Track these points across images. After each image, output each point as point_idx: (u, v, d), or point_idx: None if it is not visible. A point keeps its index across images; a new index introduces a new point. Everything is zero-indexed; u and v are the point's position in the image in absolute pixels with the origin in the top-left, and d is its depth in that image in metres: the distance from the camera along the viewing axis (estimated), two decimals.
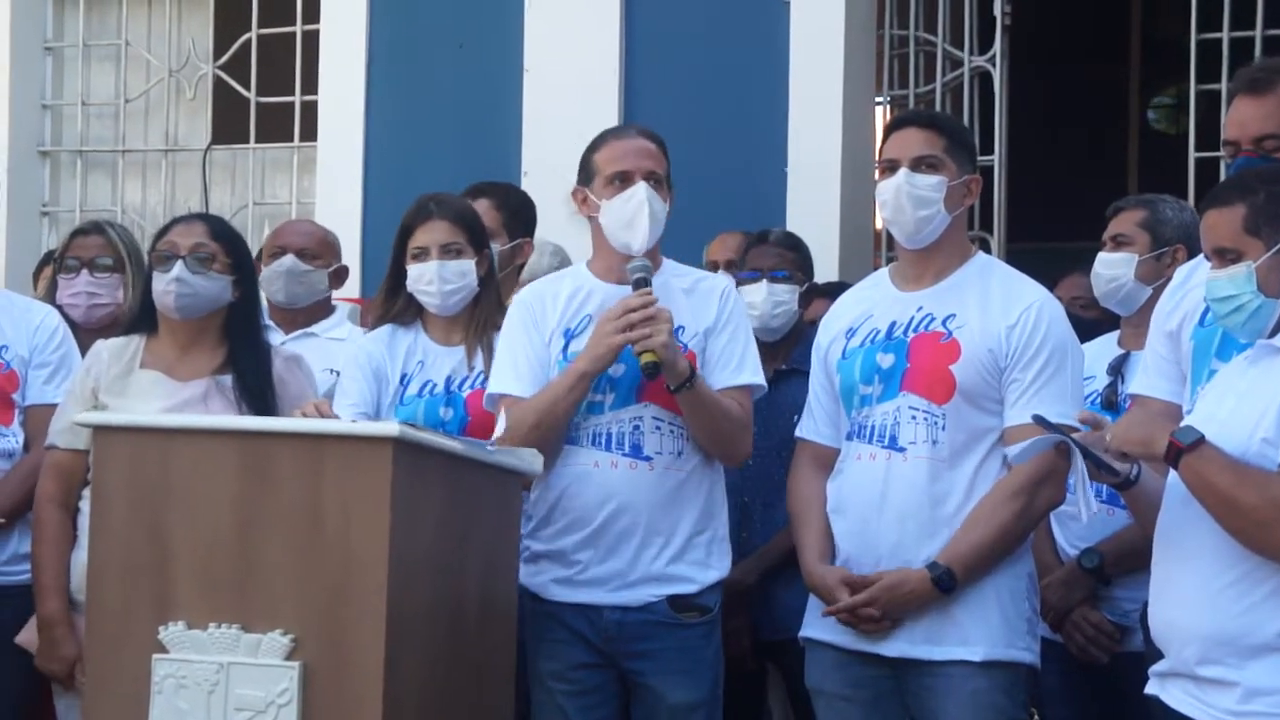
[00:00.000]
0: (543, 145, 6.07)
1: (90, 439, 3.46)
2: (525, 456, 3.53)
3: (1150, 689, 3.15)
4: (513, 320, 3.88)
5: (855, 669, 3.69)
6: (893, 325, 3.73)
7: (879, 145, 3.89)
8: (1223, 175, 4.01)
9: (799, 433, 3.91)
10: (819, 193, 5.93)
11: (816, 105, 5.99)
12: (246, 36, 6.96)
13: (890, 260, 4.50)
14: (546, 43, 6.27)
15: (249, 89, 6.97)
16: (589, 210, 3.87)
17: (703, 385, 3.74)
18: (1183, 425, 3.06)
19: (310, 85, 6.77)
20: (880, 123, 6.26)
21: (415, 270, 4.01)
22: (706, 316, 3.83)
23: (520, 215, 4.68)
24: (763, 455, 4.26)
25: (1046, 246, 7.46)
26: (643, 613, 3.76)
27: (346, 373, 4.05)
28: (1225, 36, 5.98)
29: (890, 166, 3.74)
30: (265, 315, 4.35)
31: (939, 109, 6.07)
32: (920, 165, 3.71)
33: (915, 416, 3.65)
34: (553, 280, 4.00)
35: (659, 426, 3.77)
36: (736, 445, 3.84)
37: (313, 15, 6.76)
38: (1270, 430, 2.97)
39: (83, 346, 4.31)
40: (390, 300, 4.09)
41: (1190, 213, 4.18)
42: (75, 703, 3.79)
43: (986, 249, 5.73)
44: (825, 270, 5.22)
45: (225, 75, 7.05)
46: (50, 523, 3.96)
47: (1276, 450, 2.96)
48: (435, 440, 3.27)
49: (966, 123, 5.90)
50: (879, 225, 5.96)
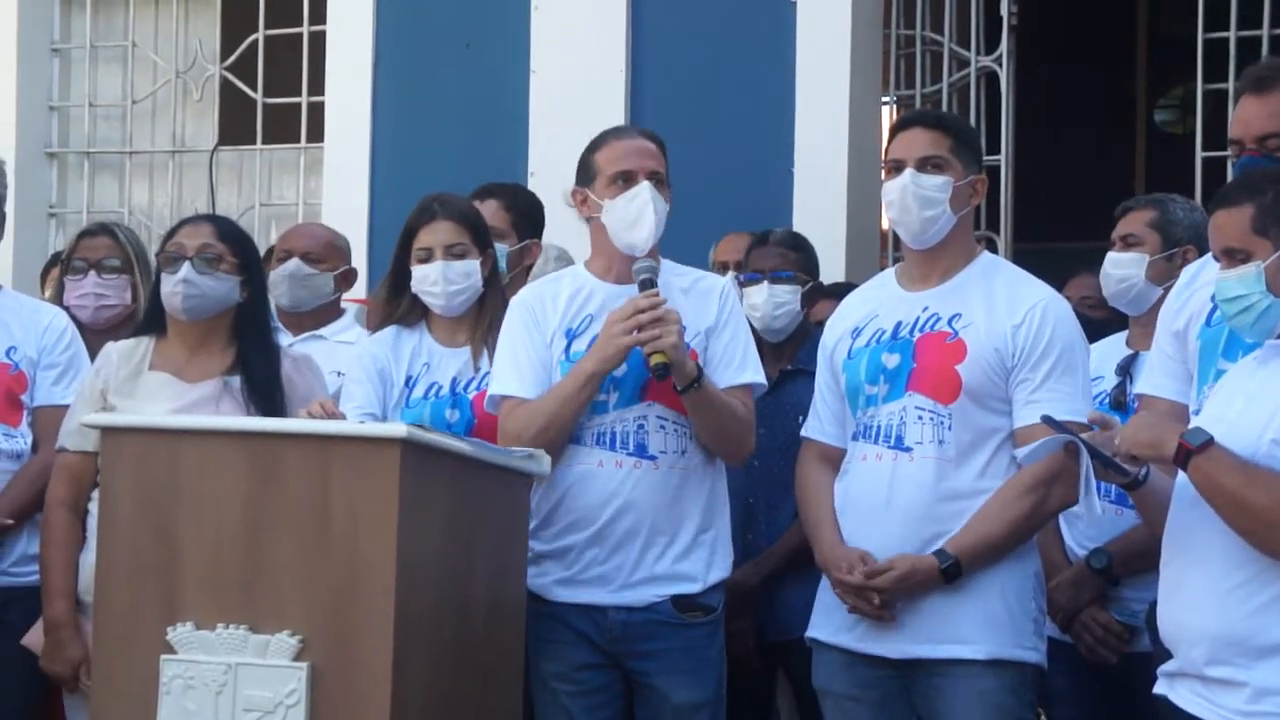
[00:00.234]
0: (549, 146, 6.07)
1: (99, 440, 3.46)
2: (533, 458, 3.53)
3: (1159, 689, 3.15)
4: (513, 321, 3.87)
5: (862, 669, 3.69)
6: (898, 325, 3.73)
7: (885, 145, 3.88)
8: (1229, 175, 4.00)
9: (804, 432, 3.90)
10: (825, 193, 5.92)
11: (823, 105, 5.98)
12: (253, 38, 6.96)
13: (897, 260, 4.49)
14: (553, 43, 6.27)
15: (256, 90, 6.97)
16: (589, 211, 3.87)
17: (710, 385, 3.74)
18: (1192, 426, 3.06)
19: (317, 86, 6.77)
20: (886, 123, 6.25)
21: (420, 271, 4.01)
22: (707, 316, 3.83)
23: (529, 216, 4.69)
24: (768, 456, 4.27)
25: (1053, 246, 7.45)
26: (647, 613, 3.76)
27: (352, 375, 4.05)
28: (1232, 36, 5.96)
29: (896, 166, 3.74)
30: (273, 317, 4.35)
31: (945, 109, 6.06)
32: (926, 165, 3.71)
33: (922, 417, 3.65)
34: (551, 281, 3.99)
35: (663, 425, 3.77)
36: (741, 444, 3.85)
37: (319, 16, 6.75)
38: None
39: (90, 348, 4.32)
40: (394, 301, 4.08)
41: (1200, 213, 4.17)
42: (83, 703, 3.79)
43: (993, 249, 5.71)
44: (831, 271, 5.22)
45: (232, 76, 7.04)
46: (59, 525, 3.96)
47: None
48: (443, 441, 3.27)
49: (973, 123, 5.89)
50: (885, 225, 5.96)
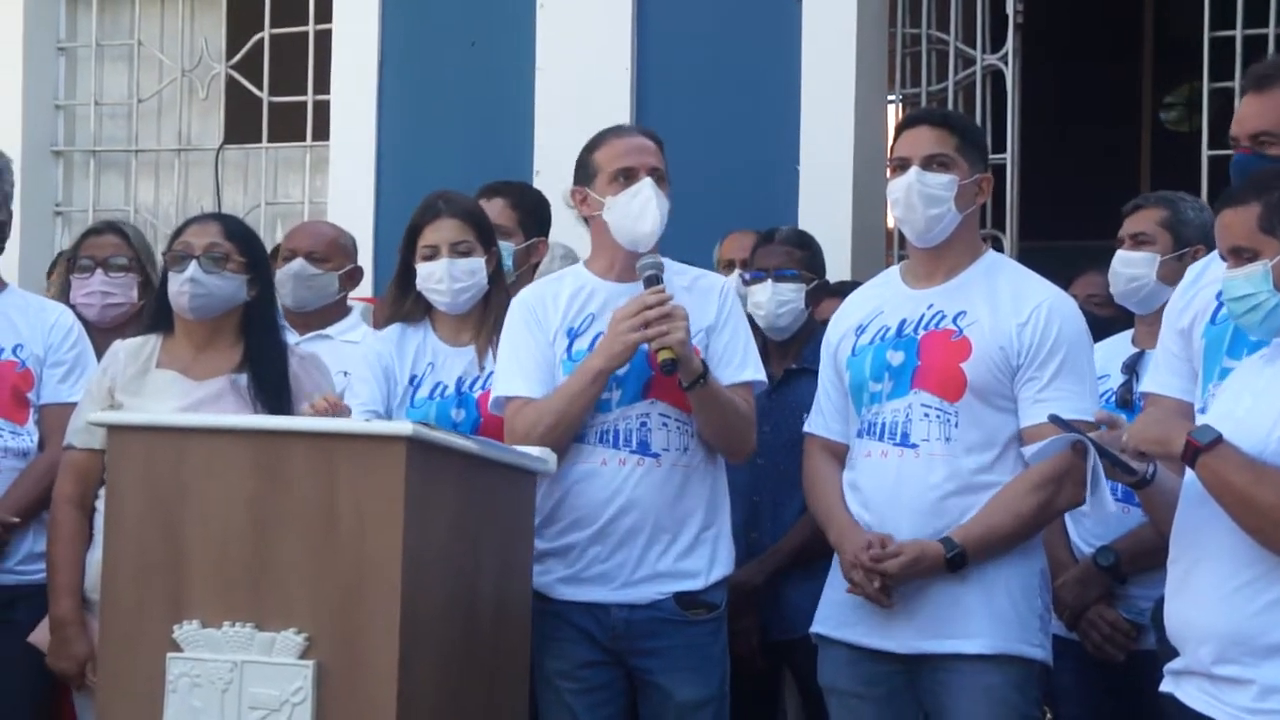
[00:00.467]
0: (555, 144, 6.05)
1: (106, 438, 3.46)
2: (539, 456, 3.53)
3: (1165, 687, 3.15)
4: (514, 321, 3.87)
5: (868, 666, 3.69)
6: (903, 323, 3.73)
7: (890, 144, 3.88)
8: None
9: (808, 428, 3.90)
10: (831, 191, 5.92)
11: (828, 104, 5.98)
12: (259, 36, 6.96)
13: (902, 259, 4.49)
14: (558, 42, 6.27)
15: (261, 88, 6.96)
16: (590, 210, 3.87)
17: (715, 382, 3.74)
18: (1200, 424, 3.05)
19: (323, 85, 6.76)
20: (892, 121, 6.25)
21: (425, 269, 4.01)
22: (707, 314, 3.82)
23: (535, 214, 4.68)
24: (773, 454, 4.27)
25: (1058, 245, 7.44)
26: (650, 610, 3.76)
27: (357, 373, 4.05)
28: (1239, 34, 5.95)
29: (901, 165, 3.74)
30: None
31: (951, 107, 6.05)
32: (931, 164, 3.71)
33: (927, 414, 3.65)
34: (552, 280, 3.99)
35: (666, 423, 3.78)
36: (743, 441, 3.85)
37: (325, 15, 6.75)
38: None
39: (96, 346, 4.32)
40: (399, 299, 4.09)
41: (1209, 213, 4.16)
42: (88, 699, 3.79)
43: (999, 247, 5.71)
44: (837, 269, 5.22)
45: (238, 75, 7.04)
46: (66, 522, 3.97)
47: None
48: (448, 439, 3.27)
49: (978, 121, 5.88)
50: (890, 224, 5.96)
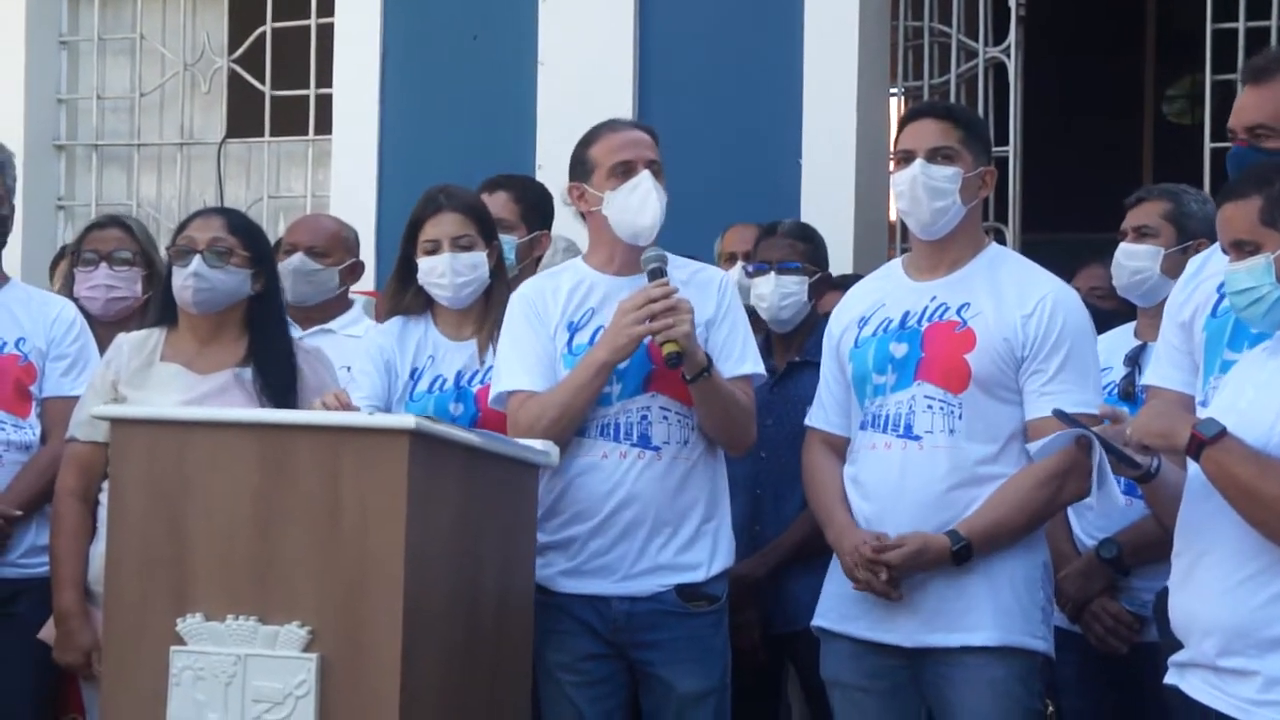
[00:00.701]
0: (557, 138, 6.01)
1: (109, 431, 3.46)
2: (541, 449, 3.53)
3: (1170, 679, 3.15)
4: (515, 315, 3.87)
5: (871, 659, 3.69)
6: (906, 315, 3.73)
7: (894, 136, 3.88)
8: None
9: (809, 421, 3.90)
10: (833, 184, 5.92)
11: (831, 97, 5.98)
12: (261, 30, 6.96)
13: (905, 252, 4.49)
14: (560, 35, 6.27)
15: (264, 82, 6.96)
16: (587, 205, 3.87)
17: (718, 374, 3.74)
18: (1204, 418, 3.05)
19: (325, 78, 6.76)
20: (895, 114, 6.25)
21: (427, 263, 4.00)
22: (706, 308, 3.82)
23: (538, 208, 4.68)
24: (776, 447, 4.27)
25: (1061, 237, 7.44)
26: (651, 602, 3.77)
27: (358, 366, 4.05)
28: (1241, 26, 5.95)
29: (906, 157, 3.74)
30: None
31: (954, 100, 6.05)
32: (936, 156, 3.71)
33: (931, 406, 3.64)
34: (551, 275, 3.99)
35: (666, 416, 3.78)
36: (744, 433, 3.85)
37: (327, 8, 6.75)
38: None
39: (100, 340, 4.32)
40: (399, 293, 4.08)
41: (1212, 205, 4.16)
42: (96, 689, 3.79)
43: (1001, 240, 5.71)
44: (840, 262, 5.21)
45: (240, 69, 7.04)
46: (69, 515, 3.97)
47: None
48: (452, 433, 3.27)
49: (981, 114, 5.88)
50: (893, 217, 5.95)
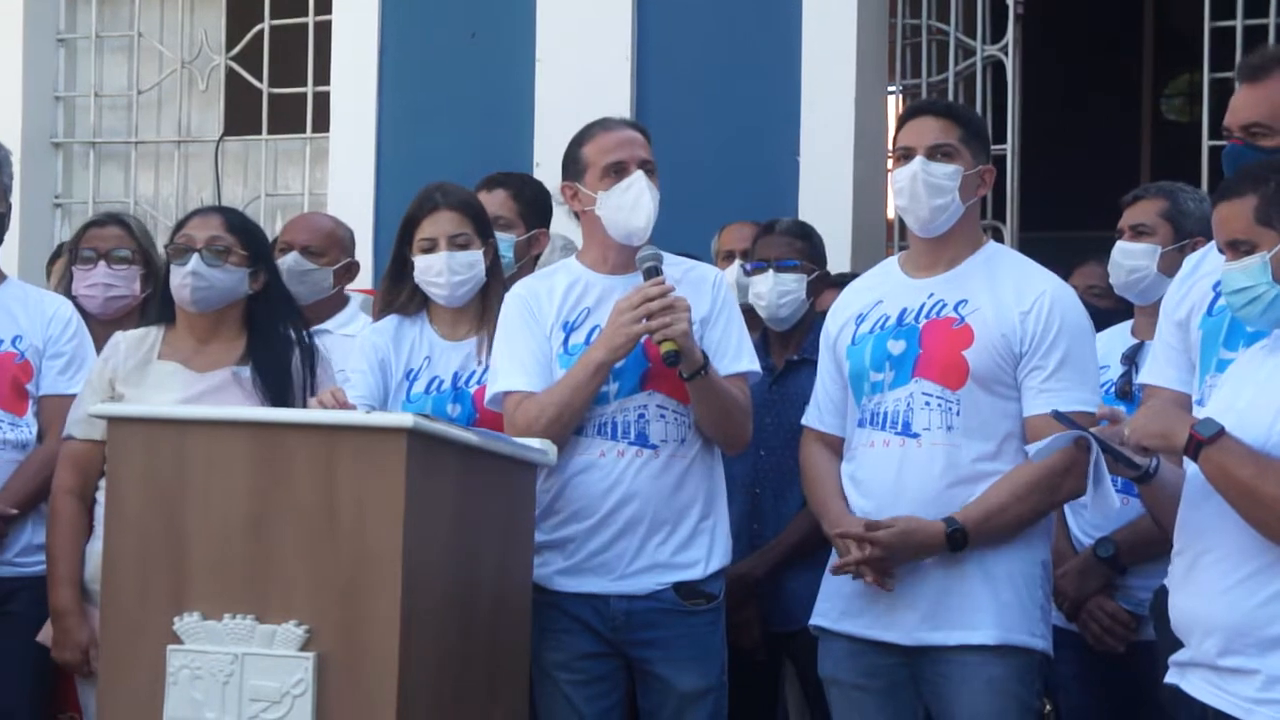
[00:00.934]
0: (555, 136, 5.95)
1: (106, 430, 3.46)
2: (539, 448, 3.53)
3: (1170, 678, 3.15)
4: (510, 315, 3.86)
5: (869, 658, 3.69)
6: (903, 312, 3.73)
7: (892, 135, 3.88)
8: None
9: (804, 420, 3.90)
10: (831, 183, 5.91)
11: (828, 95, 5.97)
12: (259, 28, 6.95)
13: (903, 250, 4.49)
14: (558, 32, 6.26)
15: (261, 80, 6.96)
16: (580, 204, 3.87)
17: (715, 372, 3.74)
18: (1203, 417, 3.05)
19: (322, 76, 6.76)
20: (893, 112, 6.25)
21: (423, 262, 3.99)
22: (701, 306, 3.82)
23: (536, 206, 4.67)
24: (774, 446, 4.27)
25: (1058, 235, 7.43)
26: (649, 601, 3.77)
27: (352, 364, 4.03)
28: (1239, 25, 5.94)
29: (905, 154, 3.74)
30: None
31: (951, 99, 6.05)
32: (936, 154, 3.71)
33: (929, 402, 3.65)
34: (544, 275, 3.99)
35: (663, 414, 3.78)
36: (741, 431, 3.85)
37: (325, 6, 6.75)
38: None
39: (97, 338, 4.31)
40: (394, 291, 4.07)
41: (1209, 204, 4.16)
42: (93, 687, 3.79)
43: (999, 238, 5.71)
44: (837, 260, 5.21)
45: (237, 66, 7.04)
46: (65, 513, 3.97)
47: None
48: (449, 432, 3.26)
49: (979, 112, 5.88)
50: (891, 215, 5.95)
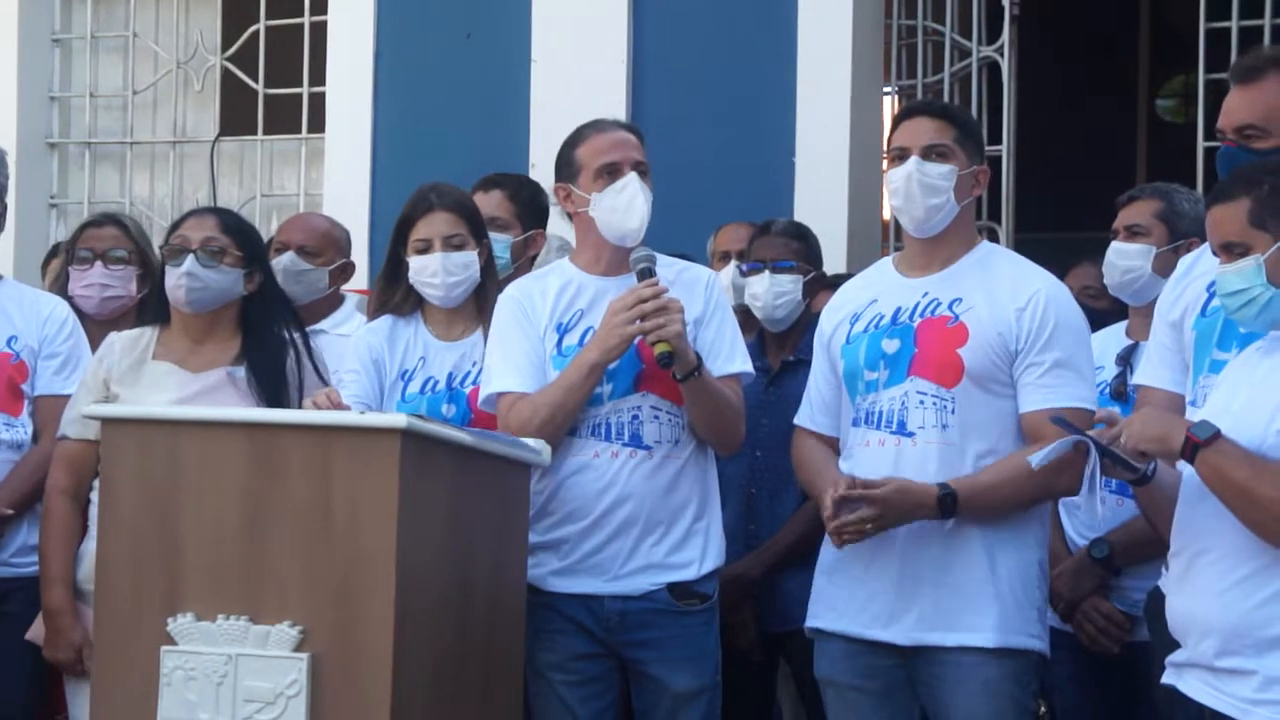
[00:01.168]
0: (551, 136, 5.92)
1: (100, 430, 3.46)
2: (533, 448, 3.53)
3: (1167, 679, 3.15)
4: (504, 316, 3.86)
5: (865, 659, 3.69)
6: (898, 311, 3.73)
7: (888, 135, 3.88)
8: None
9: (796, 420, 3.90)
10: (827, 183, 5.92)
11: (824, 95, 5.98)
12: (254, 28, 6.96)
13: (898, 250, 4.49)
14: (554, 33, 6.27)
15: (257, 80, 6.96)
16: (574, 206, 3.87)
17: (708, 374, 3.74)
18: (1199, 420, 3.05)
19: (318, 77, 6.76)
20: (888, 113, 6.25)
21: (418, 263, 3.99)
22: (694, 307, 3.82)
23: (533, 207, 4.66)
24: (770, 447, 4.27)
25: (1053, 236, 7.44)
26: (644, 601, 3.77)
27: (347, 364, 4.03)
28: (1234, 25, 5.95)
29: (900, 155, 3.74)
30: None
31: (947, 99, 6.06)
32: (931, 154, 3.71)
33: (924, 401, 3.64)
34: (538, 276, 3.98)
35: (657, 416, 3.78)
36: (734, 432, 3.85)
37: (320, 7, 6.75)
38: None
39: (94, 338, 4.31)
40: (388, 291, 4.06)
41: (1203, 205, 4.16)
42: (81, 687, 3.79)
43: (995, 239, 5.71)
44: (833, 261, 5.21)
45: (233, 67, 7.04)
46: (58, 512, 3.97)
47: None
48: (443, 432, 3.27)
49: (974, 113, 5.88)
50: (887, 216, 5.96)
